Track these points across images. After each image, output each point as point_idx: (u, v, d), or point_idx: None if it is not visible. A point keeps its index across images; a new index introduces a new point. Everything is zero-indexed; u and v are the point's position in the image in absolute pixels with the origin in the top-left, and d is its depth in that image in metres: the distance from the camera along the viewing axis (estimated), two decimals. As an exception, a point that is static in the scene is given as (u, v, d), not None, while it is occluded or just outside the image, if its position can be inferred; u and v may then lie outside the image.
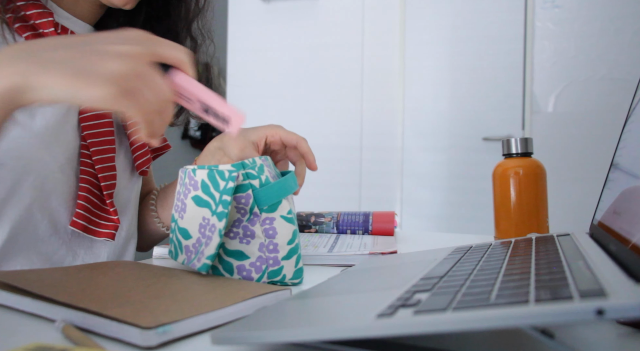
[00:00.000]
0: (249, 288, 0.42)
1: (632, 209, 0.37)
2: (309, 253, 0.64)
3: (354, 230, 0.86)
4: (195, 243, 0.50)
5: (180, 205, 0.53)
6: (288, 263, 0.50)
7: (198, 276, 0.48)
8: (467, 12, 2.13)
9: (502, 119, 2.09)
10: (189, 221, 0.51)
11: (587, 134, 1.99)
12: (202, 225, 0.49)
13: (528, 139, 0.70)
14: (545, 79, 2.04)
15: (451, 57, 2.15)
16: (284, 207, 0.50)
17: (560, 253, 0.37)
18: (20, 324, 0.37)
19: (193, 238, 0.50)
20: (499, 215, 0.71)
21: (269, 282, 0.49)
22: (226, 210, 0.46)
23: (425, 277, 0.37)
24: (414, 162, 2.19)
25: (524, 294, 0.26)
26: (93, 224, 0.63)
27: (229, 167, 0.48)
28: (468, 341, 0.31)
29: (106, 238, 0.64)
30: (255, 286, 0.43)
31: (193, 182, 0.50)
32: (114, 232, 0.64)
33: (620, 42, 1.96)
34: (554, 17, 2.04)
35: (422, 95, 2.19)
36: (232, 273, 0.50)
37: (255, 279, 0.49)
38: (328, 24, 2.31)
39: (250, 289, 0.41)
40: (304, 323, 0.30)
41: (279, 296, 0.42)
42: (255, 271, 0.49)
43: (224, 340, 0.29)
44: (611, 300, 0.22)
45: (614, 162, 0.47)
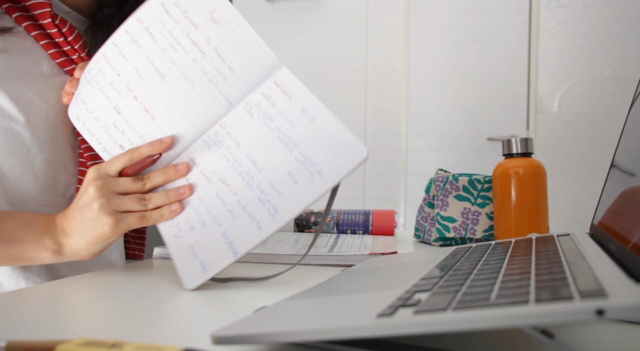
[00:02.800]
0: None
1: (632, 209, 0.37)
2: (309, 253, 0.64)
3: (354, 230, 0.86)
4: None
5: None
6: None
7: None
8: (472, 12, 2.12)
9: (506, 119, 2.09)
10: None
11: (591, 134, 1.99)
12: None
13: (528, 139, 0.70)
14: (550, 79, 2.04)
15: (455, 57, 2.15)
16: None
17: (561, 253, 0.37)
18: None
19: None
20: (499, 215, 0.71)
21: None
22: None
23: (425, 277, 0.37)
24: (418, 162, 2.19)
25: (524, 294, 0.26)
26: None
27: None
28: (468, 341, 0.31)
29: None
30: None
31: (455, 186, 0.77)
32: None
33: (625, 42, 1.95)
34: (558, 17, 2.03)
35: (426, 95, 2.19)
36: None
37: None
38: (332, 24, 2.31)
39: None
40: (304, 323, 0.30)
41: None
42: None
43: (224, 339, 0.29)
44: (611, 300, 0.22)
45: (614, 162, 0.47)
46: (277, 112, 0.52)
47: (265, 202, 0.51)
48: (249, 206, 0.51)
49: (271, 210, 0.50)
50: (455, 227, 0.77)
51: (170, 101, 0.53)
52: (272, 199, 0.51)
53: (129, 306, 0.42)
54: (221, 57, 0.52)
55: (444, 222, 0.78)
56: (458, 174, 0.79)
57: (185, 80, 0.53)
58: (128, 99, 0.54)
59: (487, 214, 0.77)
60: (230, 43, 0.52)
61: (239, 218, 0.51)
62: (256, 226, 0.51)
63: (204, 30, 0.53)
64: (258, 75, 0.53)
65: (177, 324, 0.37)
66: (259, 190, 0.51)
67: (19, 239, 0.53)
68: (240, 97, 0.53)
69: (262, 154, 0.52)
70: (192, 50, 0.53)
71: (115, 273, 0.56)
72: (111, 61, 0.55)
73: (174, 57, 0.53)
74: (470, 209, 0.77)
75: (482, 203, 0.77)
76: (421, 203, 0.85)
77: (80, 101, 0.57)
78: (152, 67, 0.54)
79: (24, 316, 0.39)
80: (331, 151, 0.50)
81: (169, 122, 0.54)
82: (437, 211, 0.79)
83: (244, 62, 0.52)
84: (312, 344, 0.30)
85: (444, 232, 0.78)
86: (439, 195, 0.79)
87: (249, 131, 0.53)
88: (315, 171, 0.50)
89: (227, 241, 0.51)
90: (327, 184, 0.49)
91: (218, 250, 0.51)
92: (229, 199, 0.52)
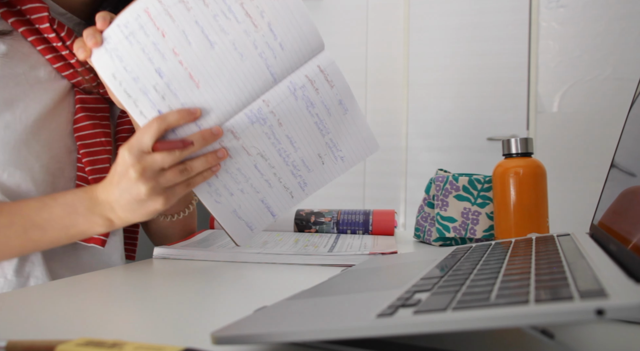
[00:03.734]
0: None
1: (632, 209, 0.37)
2: (309, 253, 0.64)
3: (354, 230, 0.86)
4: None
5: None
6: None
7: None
8: (472, 12, 2.12)
9: (506, 119, 2.09)
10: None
11: (591, 134, 1.99)
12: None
13: (528, 139, 0.70)
14: (550, 79, 2.04)
15: (455, 57, 2.15)
16: None
17: (561, 253, 0.37)
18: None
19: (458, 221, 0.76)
20: (499, 215, 0.71)
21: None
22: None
23: (425, 277, 0.37)
24: (418, 162, 2.19)
25: (524, 294, 0.26)
26: None
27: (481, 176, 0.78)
28: (468, 341, 0.31)
29: (95, 244, 0.63)
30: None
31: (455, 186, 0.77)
32: (104, 238, 0.64)
33: (625, 41, 1.95)
34: (558, 16, 2.03)
35: (426, 95, 2.19)
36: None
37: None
38: (332, 24, 2.31)
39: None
40: (304, 323, 0.30)
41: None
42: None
43: (224, 339, 0.29)
44: (611, 300, 0.22)
45: (614, 162, 0.47)
46: (319, 99, 0.57)
47: (297, 176, 0.60)
48: (283, 178, 0.60)
49: (302, 183, 0.61)
50: (455, 227, 0.77)
51: (217, 70, 0.53)
52: (303, 174, 0.60)
53: (129, 306, 0.42)
54: (273, 33, 0.53)
55: (444, 222, 0.78)
56: (458, 174, 0.79)
57: (235, 51, 0.52)
58: (172, 63, 0.52)
59: (487, 214, 0.77)
60: (284, 19, 0.52)
61: (274, 187, 0.60)
62: (289, 195, 0.61)
63: (259, 2, 0.52)
64: (305, 56, 0.54)
65: (177, 324, 0.37)
66: (292, 166, 0.59)
67: (73, 224, 0.56)
68: (285, 75, 0.54)
69: (300, 135, 0.58)
70: (245, 22, 0.52)
71: (115, 273, 0.56)
72: (155, 19, 0.51)
73: (226, 25, 0.52)
74: (470, 209, 0.77)
75: (482, 203, 0.77)
76: (421, 203, 0.85)
77: (117, 57, 0.52)
78: (202, 33, 0.52)
79: (24, 316, 0.39)
80: (354, 141, 0.61)
81: (213, 92, 0.53)
82: (437, 211, 0.79)
83: (295, 41, 0.53)
84: (312, 344, 0.30)
85: (444, 232, 0.78)
86: (439, 195, 0.79)
87: (292, 113, 0.56)
88: (339, 156, 0.61)
89: (266, 206, 0.61)
90: (346, 168, 0.62)
91: (259, 213, 0.61)
92: (267, 171, 0.59)
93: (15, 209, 0.56)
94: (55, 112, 0.62)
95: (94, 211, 0.56)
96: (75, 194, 0.57)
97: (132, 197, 0.53)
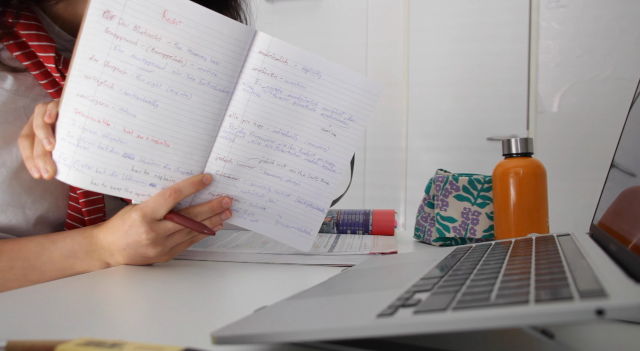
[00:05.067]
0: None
1: (632, 209, 0.37)
2: (309, 253, 0.64)
3: (354, 230, 0.86)
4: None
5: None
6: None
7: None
8: (472, 12, 2.12)
9: (506, 119, 2.09)
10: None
11: (591, 134, 1.99)
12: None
13: (528, 139, 0.70)
14: (550, 79, 2.04)
15: (455, 57, 2.15)
16: None
17: (561, 253, 0.37)
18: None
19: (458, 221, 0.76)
20: (499, 215, 0.71)
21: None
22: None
23: (425, 277, 0.37)
24: (418, 162, 2.19)
25: (524, 294, 0.26)
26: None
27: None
28: (468, 341, 0.31)
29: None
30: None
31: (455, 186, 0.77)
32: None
33: (625, 41, 1.95)
34: (558, 16, 2.03)
35: (426, 95, 2.19)
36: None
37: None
38: (332, 24, 2.31)
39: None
40: (304, 323, 0.30)
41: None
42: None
43: (224, 339, 0.29)
44: (611, 300, 0.22)
45: (614, 162, 0.47)
46: (281, 81, 0.53)
47: (316, 161, 0.56)
48: (304, 170, 0.56)
49: (327, 165, 0.57)
50: (455, 227, 0.77)
51: (173, 121, 0.51)
52: (321, 157, 0.56)
53: (129, 306, 0.42)
54: (199, 56, 0.50)
55: (444, 222, 0.78)
56: (458, 174, 0.79)
57: (176, 95, 0.50)
58: (132, 141, 0.51)
59: (487, 214, 0.77)
60: (199, 36, 0.49)
61: (302, 183, 0.57)
62: (322, 183, 0.57)
63: (168, 38, 0.48)
64: (242, 51, 0.51)
65: (177, 324, 0.37)
66: (303, 154, 0.56)
67: (71, 266, 0.58)
68: (234, 82, 0.52)
69: (287, 123, 0.54)
70: (167, 63, 0.49)
71: (115, 273, 0.56)
72: (90, 114, 0.49)
73: (153, 79, 0.49)
74: (470, 209, 0.77)
75: (482, 203, 0.77)
76: (421, 203, 0.85)
77: (82, 167, 0.51)
78: (137, 100, 0.50)
79: (24, 316, 0.39)
80: (351, 96, 0.55)
81: (184, 141, 0.53)
82: (437, 211, 0.79)
83: (223, 48, 0.50)
84: (312, 344, 0.30)
85: (444, 232, 0.78)
86: (439, 195, 0.79)
87: (263, 109, 0.53)
88: (345, 119, 0.55)
89: (306, 204, 0.58)
90: (362, 126, 0.56)
91: (304, 214, 0.58)
92: (281, 172, 0.56)
93: (16, 253, 0.57)
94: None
95: (92, 255, 0.58)
96: (75, 240, 0.58)
97: (138, 254, 0.56)
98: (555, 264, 0.33)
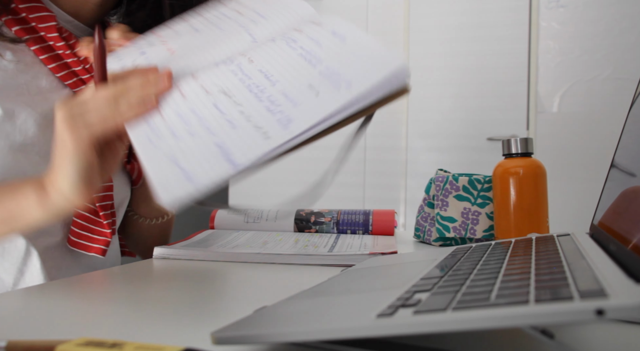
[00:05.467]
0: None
1: (632, 209, 0.37)
2: (309, 253, 0.64)
3: (354, 230, 0.86)
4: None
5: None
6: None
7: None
8: (472, 12, 2.12)
9: (506, 119, 2.09)
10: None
11: (591, 134, 1.99)
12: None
13: (528, 139, 0.70)
14: (550, 79, 2.04)
15: (455, 57, 2.15)
16: None
17: (560, 253, 0.37)
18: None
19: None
20: (499, 215, 0.71)
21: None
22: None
23: (425, 277, 0.37)
24: (418, 162, 2.19)
25: (524, 294, 0.26)
26: (84, 239, 0.63)
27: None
28: (468, 341, 0.31)
29: (95, 254, 0.63)
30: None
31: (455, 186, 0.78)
32: (104, 248, 0.63)
33: (625, 42, 1.95)
34: (558, 17, 2.03)
35: (426, 95, 2.19)
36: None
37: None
38: (331, 24, 2.31)
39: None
40: (304, 323, 0.30)
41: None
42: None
43: (224, 339, 0.29)
44: (611, 300, 0.22)
45: (614, 162, 0.47)
46: (303, 36, 0.49)
47: (275, 112, 0.45)
48: (253, 116, 0.45)
49: (283, 120, 0.45)
50: (455, 227, 0.77)
51: (200, 43, 0.53)
52: (284, 110, 0.45)
53: (129, 306, 0.42)
54: (260, 15, 0.54)
55: (444, 222, 0.78)
56: (458, 174, 0.79)
57: (213, 25, 0.54)
58: (158, 47, 0.54)
59: (487, 214, 0.77)
60: (269, 4, 0.55)
61: (239, 128, 0.44)
62: (262, 135, 0.43)
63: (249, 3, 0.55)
64: (292, 23, 0.53)
65: (177, 324, 0.37)
66: (269, 101, 0.45)
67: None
68: (267, 37, 0.52)
69: (279, 68, 0.48)
70: (233, 15, 0.55)
71: (115, 273, 0.56)
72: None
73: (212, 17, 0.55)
74: (470, 209, 0.77)
75: (482, 203, 0.77)
76: (421, 203, 0.85)
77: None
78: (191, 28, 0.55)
79: (24, 316, 0.39)
80: (362, 64, 0.46)
81: (187, 57, 0.51)
82: (437, 211, 0.79)
83: (280, 14, 0.54)
84: (312, 344, 0.30)
85: (444, 232, 0.78)
86: (439, 195, 0.79)
87: (267, 50, 0.49)
88: (342, 80, 0.45)
89: (223, 152, 0.43)
90: (353, 93, 0.43)
91: (210, 161, 0.43)
92: (229, 109, 0.45)
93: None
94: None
95: (25, 182, 0.50)
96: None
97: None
98: (555, 264, 0.33)
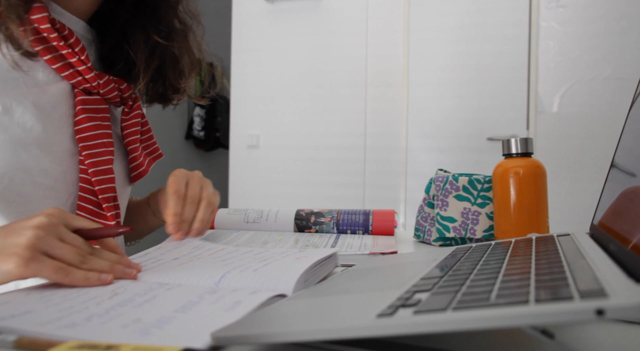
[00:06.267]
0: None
1: (632, 209, 0.37)
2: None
3: (354, 230, 0.86)
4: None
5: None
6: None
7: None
8: (472, 12, 2.12)
9: (506, 119, 2.09)
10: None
11: (591, 134, 1.99)
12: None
13: (528, 139, 0.70)
14: (550, 79, 2.04)
15: (455, 57, 2.14)
16: None
17: (561, 253, 0.37)
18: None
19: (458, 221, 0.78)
20: (499, 215, 0.71)
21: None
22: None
23: (425, 277, 0.37)
24: (418, 162, 2.19)
25: (524, 294, 0.26)
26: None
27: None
28: (468, 341, 0.31)
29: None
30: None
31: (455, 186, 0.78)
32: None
33: (625, 41, 1.95)
34: (558, 17, 2.03)
35: (426, 95, 2.19)
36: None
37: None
38: (332, 24, 2.31)
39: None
40: (304, 323, 0.30)
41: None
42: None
43: (224, 340, 0.29)
44: (611, 300, 0.22)
45: (614, 162, 0.47)
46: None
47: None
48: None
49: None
50: (455, 227, 0.77)
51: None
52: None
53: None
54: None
55: (444, 222, 0.78)
56: (458, 174, 0.79)
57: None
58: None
59: (487, 214, 0.77)
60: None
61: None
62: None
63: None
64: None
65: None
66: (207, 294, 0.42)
67: None
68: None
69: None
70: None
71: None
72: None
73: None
74: (470, 209, 0.77)
75: (482, 203, 0.77)
76: (421, 203, 0.85)
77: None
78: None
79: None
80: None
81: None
82: (437, 211, 0.79)
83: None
84: (312, 344, 0.30)
85: (444, 232, 0.78)
86: (439, 195, 0.79)
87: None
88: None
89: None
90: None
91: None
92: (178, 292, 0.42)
93: None
94: (55, 115, 0.61)
95: None
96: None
97: (8, 236, 0.43)
98: (555, 264, 0.33)
